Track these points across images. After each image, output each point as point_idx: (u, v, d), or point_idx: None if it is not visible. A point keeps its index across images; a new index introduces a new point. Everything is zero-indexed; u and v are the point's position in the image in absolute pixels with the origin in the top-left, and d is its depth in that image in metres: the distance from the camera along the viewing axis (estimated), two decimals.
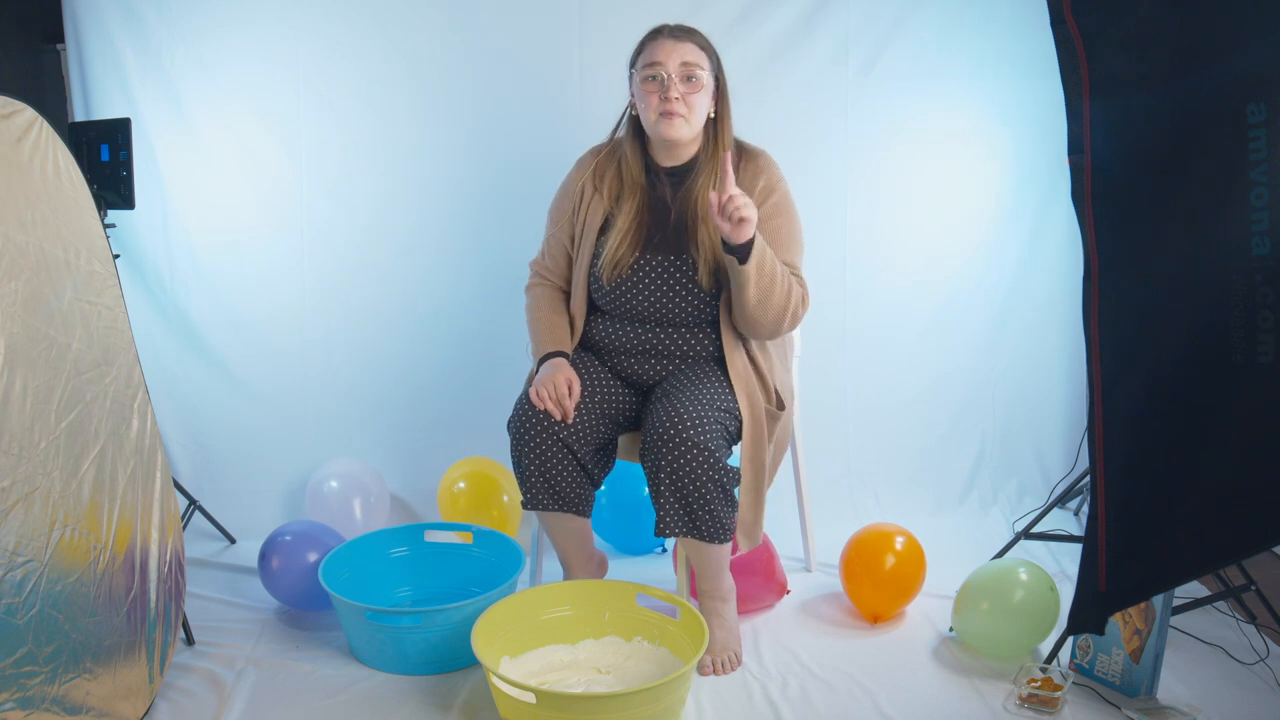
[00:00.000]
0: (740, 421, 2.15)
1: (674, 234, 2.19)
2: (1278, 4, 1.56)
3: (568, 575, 2.35)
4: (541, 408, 2.13)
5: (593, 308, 2.30)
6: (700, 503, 2.04)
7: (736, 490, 2.12)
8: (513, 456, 2.17)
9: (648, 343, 2.23)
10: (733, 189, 1.98)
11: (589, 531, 2.32)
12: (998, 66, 2.90)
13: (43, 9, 2.79)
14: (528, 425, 2.13)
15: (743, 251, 2.02)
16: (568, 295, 2.34)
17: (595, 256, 2.24)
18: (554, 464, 2.14)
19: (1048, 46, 1.79)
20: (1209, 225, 1.65)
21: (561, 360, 2.22)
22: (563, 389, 2.13)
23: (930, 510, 3.01)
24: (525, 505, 2.18)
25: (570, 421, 2.13)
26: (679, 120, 2.12)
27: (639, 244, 2.20)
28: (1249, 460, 1.65)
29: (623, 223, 2.20)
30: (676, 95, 2.10)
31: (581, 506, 2.20)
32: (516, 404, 2.19)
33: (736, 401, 2.15)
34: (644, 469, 2.09)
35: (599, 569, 2.42)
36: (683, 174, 2.22)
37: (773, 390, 2.22)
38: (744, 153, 2.23)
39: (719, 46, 2.22)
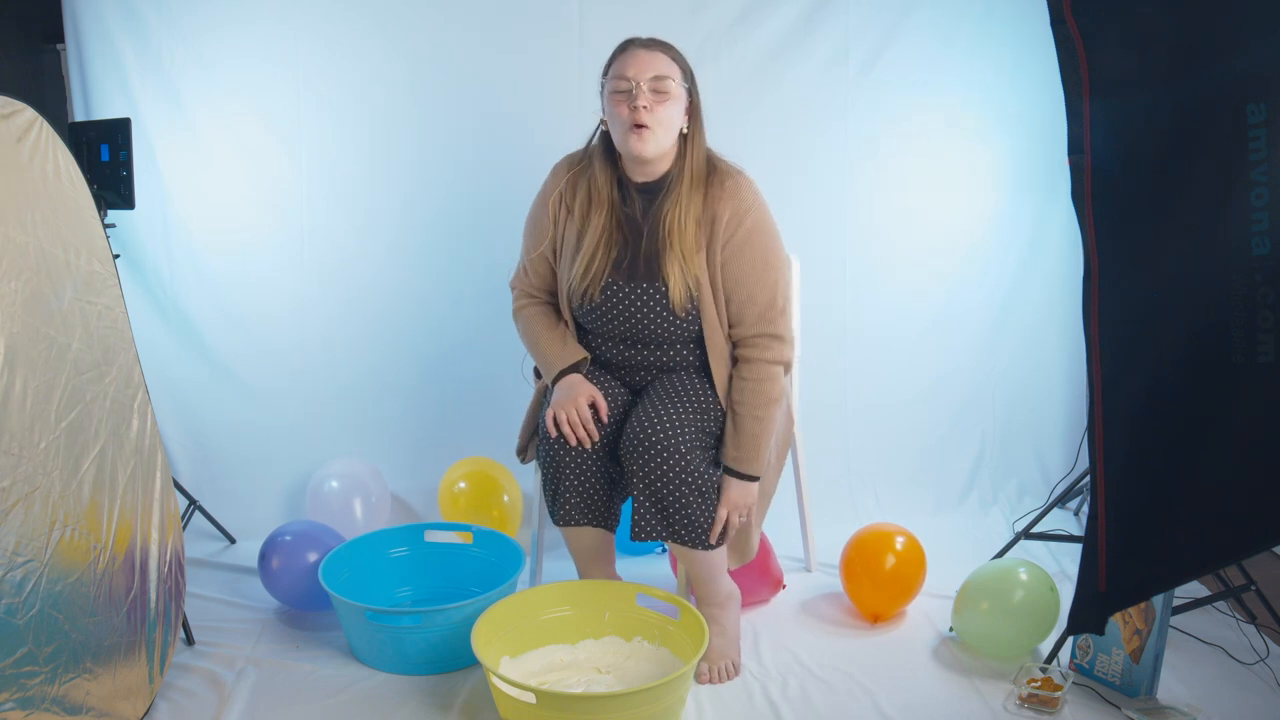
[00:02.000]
0: (723, 422, 2.14)
1: (645, 259, 2.12)
2: (1278, 4, 1.56)
3: None
4: (554, 433, 2.10)
5: (579, 324, 2.26)
6: (676, 507, 2.04)
7: None
8: (546, 483, 2.16)
9: (631, 360, 2.20)
10: (721, 523, 2.10)
11: (612, 547, 2.30)
12: (997, 66, 2.90)
13: (43, 9, 2.79)
14: (565, 457, 2.11)
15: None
16: (555, 307, 2.28)
17: (571, 278, 2.18)
18: (590, 481, 2.13)
19: (1048, 46, 1.79)
20: (1209, 225, 1.65)
21: (577, 378, 2.16)
22: (585, 412, 2.09)
23: (930, 510, 3.01)
24: (559, 522, 2.17)
25: (597, 439, 2.10)
26: (647, 134, 2.02)
27: (607, 265, 2.12)
28: (1249, 460, 1.65)
29: (590, 241, 2.12)
30: (644, 105, 2.01)
31: (610, 521, 2.20)
32: (541, 440, 2.15)
33: (719, 400, 2.14)
34: (623, 472, 2.10)
35: None
36: (654, 191, 2.13)
37: None
38: (715, 172, 2.13)
39: (719, 46, 2.21)
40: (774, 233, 2.13)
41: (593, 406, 2.12)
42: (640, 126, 2.03)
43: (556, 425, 2.10)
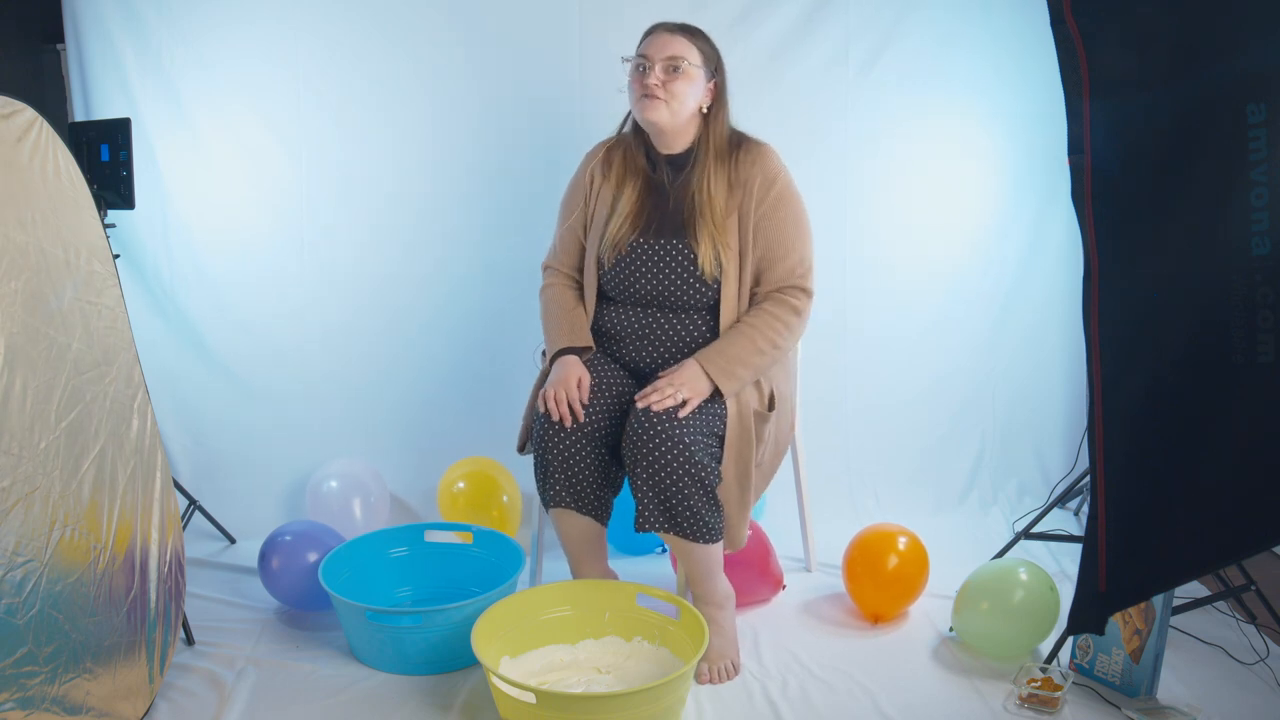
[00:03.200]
0: (727, 426, 2.14)
1: (673, 219, 2.23)
2: (1278, 4, 1.56)
3: None
4: (542, 409, 2.14)
5: (601, 295, 2.32)
6: (679, 499, 2.04)
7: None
8: (537, 464, 2.18)
9: (647, 327, 2.24)
10: (652, 395, 2.07)
11: (604, 542, 2.30)
12: (998, 66, 2.90)
13: (43, 9, 2.79)
14: (552, 434, 2.13)
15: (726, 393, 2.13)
16: (581, 287, 2.35)
17: (602, 240, 2.27)
18: (577, 464, 2.14)
19: (1047, 46, 1.79)
20: (1209, 225, 1.65)
21: (573, 359, 2.22)
22: (573, 390, 2.14)
23: (930, 510, 3.01)
24: (547, 504, 2.19)
25: (582, 420, 2.14)
26: (658, 103, 2.15)
27: (639, 225, 2.24)
28: (1249, 460, 1.65)
29: (624, 205, 2.25)
30: (655, 81, 2.14)
31: (600, 512, 2.20)
32: (535, 420, 2.17)
33: (724, 403, 2.14)
34: (625, 462, 2.10)
35: None
36: (681, 163, 2.25)
37: (766, 392, 2.21)
38: (743, 143, 2.26)
39: (718, 46, 2.22)
40: (800, 197, 2.26)
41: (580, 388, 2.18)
42: (649, 96, 2.15)
43: (546, 401, 2.15)
